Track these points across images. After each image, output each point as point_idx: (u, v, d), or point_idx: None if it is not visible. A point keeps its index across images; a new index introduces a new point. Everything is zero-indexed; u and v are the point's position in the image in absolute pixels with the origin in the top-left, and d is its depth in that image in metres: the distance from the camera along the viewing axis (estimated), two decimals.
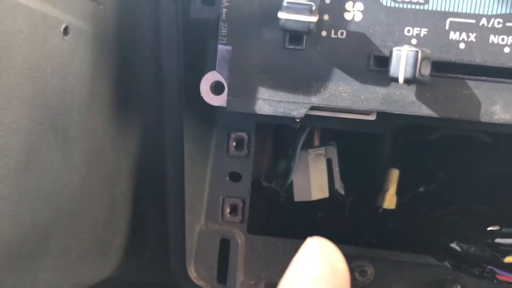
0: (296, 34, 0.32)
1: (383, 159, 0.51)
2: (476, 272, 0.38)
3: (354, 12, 0.34)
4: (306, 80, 0.35)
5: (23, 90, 0.28)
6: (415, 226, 0.66)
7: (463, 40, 0.33)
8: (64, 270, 0.35)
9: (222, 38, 0.35)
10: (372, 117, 0.37)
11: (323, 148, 0.52)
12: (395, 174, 0.54)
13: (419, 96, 0.34)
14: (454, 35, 0.33)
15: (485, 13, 0.33)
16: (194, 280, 0.46)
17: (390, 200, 0.65)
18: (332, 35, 0.34)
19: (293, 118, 0.35)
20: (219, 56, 0.35)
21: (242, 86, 0.35)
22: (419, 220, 0.64)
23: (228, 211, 0.49)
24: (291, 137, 0.51)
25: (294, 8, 0.29)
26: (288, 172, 0.53)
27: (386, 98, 0.34)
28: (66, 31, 0.32)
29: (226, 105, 0.36)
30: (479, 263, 0.38)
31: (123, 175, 0.41)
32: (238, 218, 0.47)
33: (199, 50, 0.40)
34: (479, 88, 0.34)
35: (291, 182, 0.53)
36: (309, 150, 0.52)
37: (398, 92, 0.34)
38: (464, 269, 0.39)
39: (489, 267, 0.38)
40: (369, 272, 0.48)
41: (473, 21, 0.33)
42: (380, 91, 0.34)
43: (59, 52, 0.31)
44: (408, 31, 0.34)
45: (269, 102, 0.35)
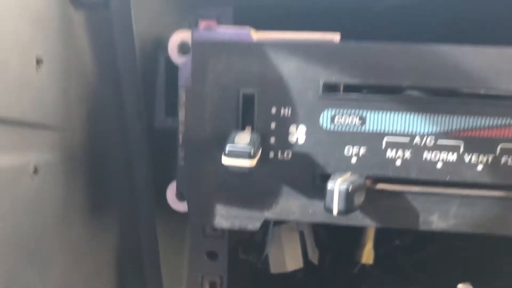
0: None
1: None
2: None
3: (298, 135, 0.37)
4: (258, 197, 0.38)
5: None
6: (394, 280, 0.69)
7: (399, 157, 0.36)
8: None
9: (181, 159, 0.38)
10: None
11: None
12: (371, 229, 0.57)
13: (362, 209, 0.37)
14: (390, 153, 0.36)
15: (418, 132, 0.36)
16: None
17: (367, 255, 0.68)
18: (279, 157, 0.37)
19: None
20: (178, 175, 0.39)
21: (201, 203, 0.38)
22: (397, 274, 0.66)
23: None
24: None
25: (235, 153, 0.32)
26: (263, 245, 0.57)
27: None
28: (35, 171, 0.36)
29: (188, 217, 0.39)
30: None
31: (103, 274, 0.45)
32: None
33: (165, 157, 0.43)
34: (417, 200, 0.37)
35: (267, 254, 0.57)
36: (281, 225, 0.56)
37: None
38: None
39: None
40: None
41: (407, 140, 0.36)
42: None
43: (29, 191, 0.35)
44: (348, 150, 0.36)
45: (226, 217, 0.38)
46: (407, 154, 0.36)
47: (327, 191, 0.33)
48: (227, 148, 0.32)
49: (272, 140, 0.37)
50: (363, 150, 0.36)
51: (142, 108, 0.41)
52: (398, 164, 0.36)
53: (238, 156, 0.32)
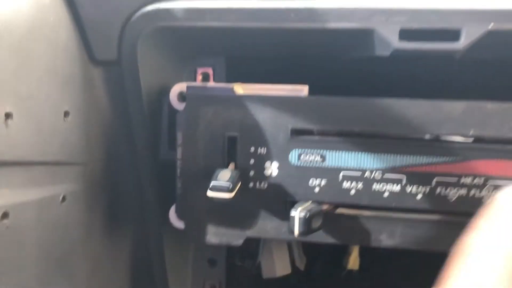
0: None
1: None
2: None
3: (272, 169, 0.46)
4: (240, 219, 0.47)
5: (33, 245, 0.41)
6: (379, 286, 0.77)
7: (353, 188, 0.45)
8: None
9: (179, 188, 0.48)
10: None
11: None
12: None
13: (325, 229, 0.45)
14: (346, 184, 0.45)
15: (368, 167, 0.44)
16: None
17: (353, 261, 0.77)
18: (257, 186, 0.46)
19: None
20: (176, 201, 0.48)
21: (195, 224, 0.47)
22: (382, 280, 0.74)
23: None
24: None
25: (217, 188, 0.41)
26: (256, 253, 0.66)
27: None
28: (63, 199, 0.45)
29: (185, 236, 0.48)
30: None
31: (118, 281, 0.54)
32: None
33: (169, 183, 0.52)
34: (369, 222, 0.45)
35: (260, 261, 0.66)
36: None
37: None
38: None
39: None
40: None
41: (359, 174, 0.44)
42: None
43: (59, 215, 0.45)
44: (312, 182, 0.45)
45: (215, 235, 0.47)
46: (360, 185, 0.44)
47: (290, 216, 0.41)
48: (211, 184, 0.41)
49: (251, 173, 0.46)
50: (324, 182, 0.45)
51: (149, 144, 0.50)
52: (352, 193, 0.45)
53: (220, 190, 0.41)
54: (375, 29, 0.43)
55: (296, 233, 0.41)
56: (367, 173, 0.44)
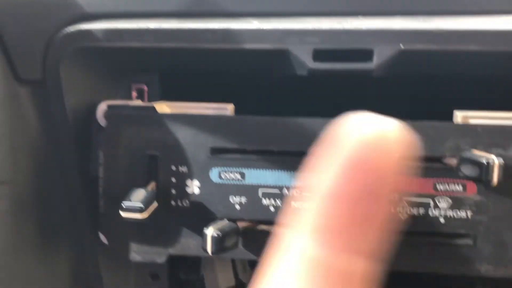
0: None
1: None
2: None
3: (193, 187, 0.46)
4: (163, 236, 0.47)
5: None
6: None
7: (272, 205, 0.45)
8: None
9: (100, 208, 0.48)
10: None
11: None
12: None
13: (245, 245, 0.46)
14: (265, 201, 0.45)
15: (286, 184, 0.45)
16: None
17: None
18: (179, 204, 0.46)
19: None
20: (100, 220, 0.48)
21: (117, 241, 0.48)
22: None
23: None
24: None
25: (129, 208, 0.42)
26: (199, 266, 0.66)
27: None
28: None
29: (110, 255, 0.48)
30: None
31: None
32: None
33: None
34: None
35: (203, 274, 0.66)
36: None
37: None
38: None
39: None
40: None
41: (278, 191, 0.45)
42: None
43: None
44: (232, 199, 0.46)
45: (138, 253, 0.48)
46: (279, 202, 0.45)
47: (202, 235, 0.42)
48: (123, 205, 0.42)
49: (173, 191, 0.46)
50: (244, 199, 0.45)
51: (78, 162, 0.51)
52: (272, 210, 0.45)
53: (132, 211, 0.41)
54: (289, 49, 0.43)
55: (209, 251, 0.42)
56: (285, 190, 0.45)
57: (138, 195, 0.42)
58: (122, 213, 0.42)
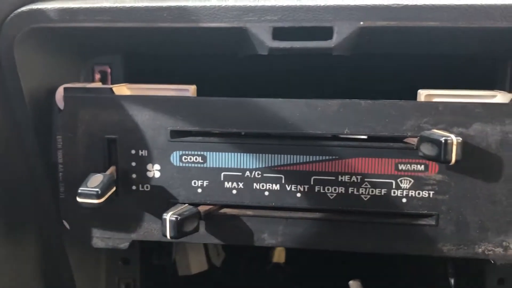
0: None
1: None
2: None
3: (154, 171, 0.45)
4: (125, 222, 0.46)
5: None
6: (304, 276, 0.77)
7: (234, 188, 0.44)
8: None
9: (61, 193, 0.47)
10: None
11: None
12: None
13: (208, 229, 0.45)
14: (227, 184, 0.44)
15: (248, 167, 0.44)
16: None
17: (279, 255, 0.77)
18: (140, 188, 0.45)
19: None
20: (60, 206, 0.47)
21: (79, 228, 0.47)
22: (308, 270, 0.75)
23: None
24: None
25: (84, 194, 0.41)
26: (171, 251, 0.65)
27: None
28: None
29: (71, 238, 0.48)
30: None
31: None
32: None
33: None
34: (251, 222, 0.45)
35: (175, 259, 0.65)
36: None
37: None
38: None
39: None
40: None
41: (240, 173, 0.44)
42: None
43: None
44: (195, 183, 0.45)
45: (101, 239, 0.47)
46: (241, 185, 0.44)
47: (162, 220, 0.41)
48: (79, 190, 0.41)
49: (134, 175, 0.45)
50: (206, 183, 0.45)
51: (38, 145, 0.49)
52: (234, 193, 0.44)
53: (88, 197, 0.40)
54: (248, 28, 0.42)
55: (168, 236, 0.41)
56: (247, 172, 0.44)
57: (96, 180, 0.41)
58: (78, 199, 0.41)
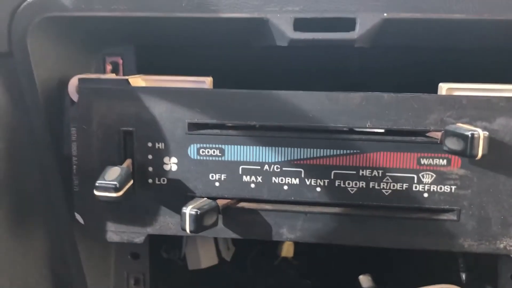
0: None
1: None
2: None
3: (171, 164, 0.44)
4: (141, 215, 0.45)
5: None
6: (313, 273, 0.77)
7: (253, 182, 0.44)
8: None
9: (75, 186, 0.46)
10: None
11: None
12: None
13: (225, 223, 0.45)
14: (246, 178, 0.44)
15: (267, 161, 0.43)
16: None
17: (287, 249, 0.77)
18: (156, 182, 0.45)
19: None
20: (74, 199, 0.46)
21: (94, 221, 0.46)
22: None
23: (132, 283, 0.61)
24: None
25: (103, 187, 0.40)
26: (181, 245, 0.65)
27: None
28: None
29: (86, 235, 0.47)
30: None
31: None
32: None
33: None
34: (269, 216, 0.44)
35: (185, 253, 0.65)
36: None
37: None
38: None
39: None
40: None
41: (259, 167, 0.43)
42: None
43: None
44: (212, 176, 0.44)
45: (115, 233, 0.46)
46: (259, 179, 0.44)
47: (181, 214, 0.40)
48: (96, 184, 0.40)
49: (150, 168, 0.44)
50: (224, 176, 0.44)
51: (51, 138, 0.48)
52: (252, 186, 0.44)
53: (106, 190, 0.40)
54: (269, 19, 0.41)
55: (187, 230, 0.40)
56: (266, 166, 0.43)
57: (113, 173, 0.41)
58: (96, 192, 0.40)
